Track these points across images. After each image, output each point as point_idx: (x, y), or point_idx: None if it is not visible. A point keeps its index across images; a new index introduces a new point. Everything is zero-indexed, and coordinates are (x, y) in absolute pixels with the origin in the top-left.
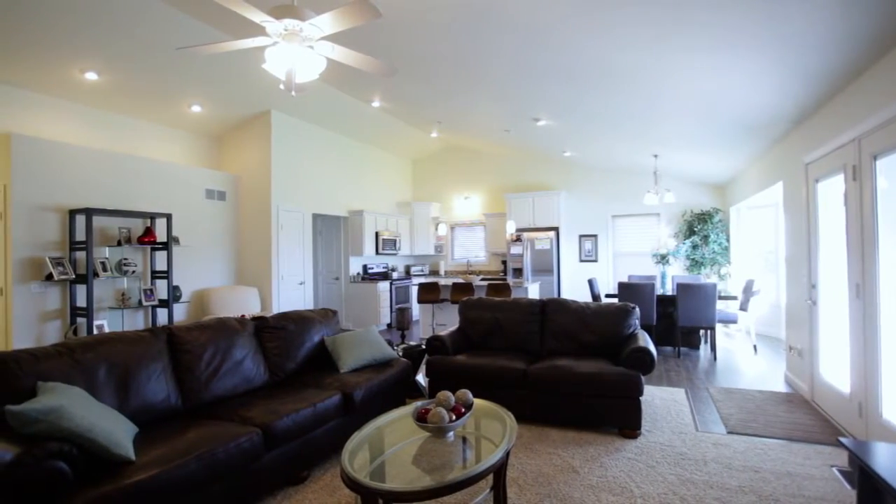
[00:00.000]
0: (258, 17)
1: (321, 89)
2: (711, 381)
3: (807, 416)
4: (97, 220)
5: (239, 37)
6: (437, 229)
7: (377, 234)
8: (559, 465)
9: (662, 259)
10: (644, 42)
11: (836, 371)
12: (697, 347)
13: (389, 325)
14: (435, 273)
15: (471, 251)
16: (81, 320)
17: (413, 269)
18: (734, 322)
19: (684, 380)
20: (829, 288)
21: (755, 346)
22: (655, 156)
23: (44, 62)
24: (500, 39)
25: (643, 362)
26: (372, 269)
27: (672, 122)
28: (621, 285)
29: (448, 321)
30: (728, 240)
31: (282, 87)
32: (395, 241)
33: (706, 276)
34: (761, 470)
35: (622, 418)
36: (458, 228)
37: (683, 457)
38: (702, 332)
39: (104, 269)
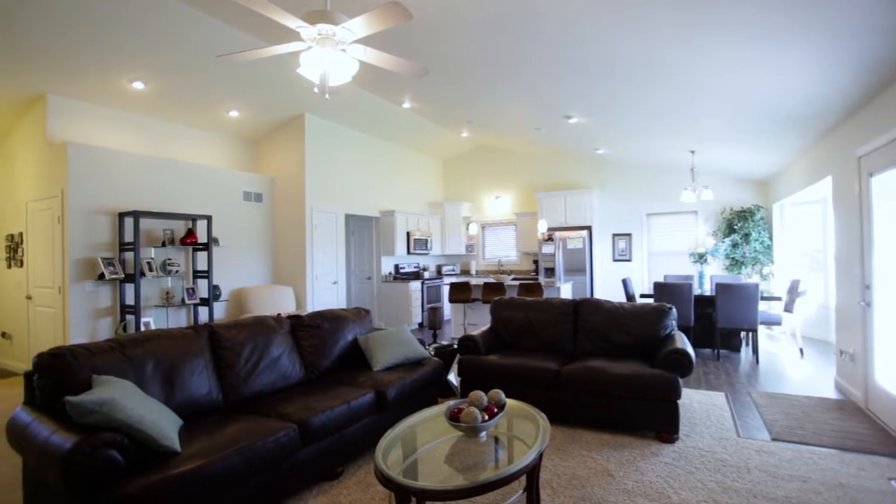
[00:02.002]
0: (293, 23)
1: (353, 92)
2: (754, 385)
3: (860, 425)
4: (143, 223)
5: (275, 43)
6: (468, 229)
7: (409, 234)
8: (593, 468)
9: (700, 258)
10: (680, 37)
11: (894, 377)
12: (738, 350)
13: (421, 325)
14: (466, 273)
15: (502, 251)
16: (130, 317)
17: (444, 269)
18: (778, 324)
19: (724, 383)
20: (886, 288)
21: (801, 350)
22: (692, 152)
23: (96, 74)
24: (531, 37)
25: (681, 364)
26: (403, 268)
27: (710, 117)
28: (657, 285)
29: (479, 321)
30: (771, 238)
31: (316, 90)
32: (426, 240)
33: (747, 276)
34: (810, 480)
35: (659, 422)
36: (489, 228)
37: (724, 463)
38: (743, 334)
39: (150, 269)
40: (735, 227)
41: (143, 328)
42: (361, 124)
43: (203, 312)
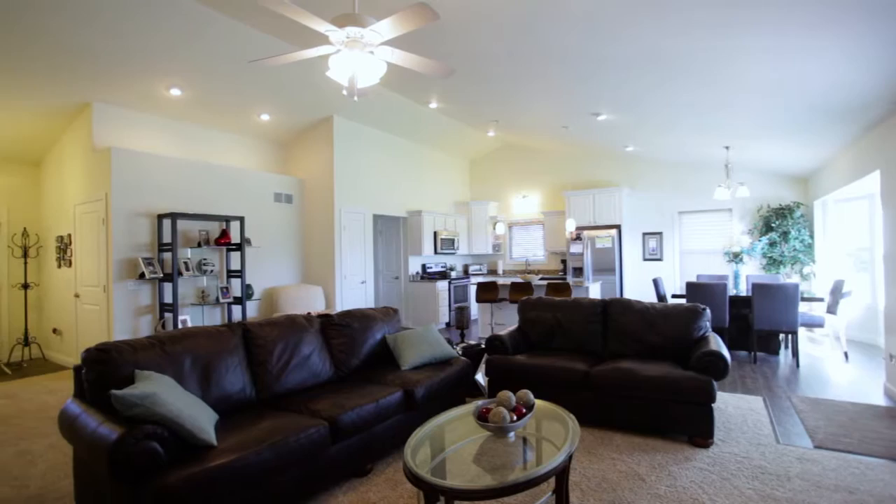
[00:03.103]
0: (322, 26)
1: (380, 93)
2: (794, 389)
3: None
4: (180, 224)
5: (304, 47)
6: (494, 228)
7: (435, 234)
8: (624, 472)
9: (735, 257)
10: (714, 28)
11: None
12: (776, 353)
13: (448, 324)
14: (493, 272)
15: (529, 250)
16: (168, 315)
17: (471, 269)
18: (820, 326)
19: (762, 387)
20: None
21: (846, 353)
22: (727, 147)
23: (137, 82)
24: (558, 33)
25: (715, 367)
26: (431, 268)
27: (747, 111)
28: (689, 285)
29: (507, 321)
30: (812, 236)
31: (344, 92)
32: (453, 240)
33: (786, 276)
34: (857, 491)
35: (692, 425)
36: (516, 227)
37: (763, 470)
38: (782, 336)
39: (187, 269)
40: (773, 224)
41: (180, 326)
42: (388, 125)
43: (236, 311)
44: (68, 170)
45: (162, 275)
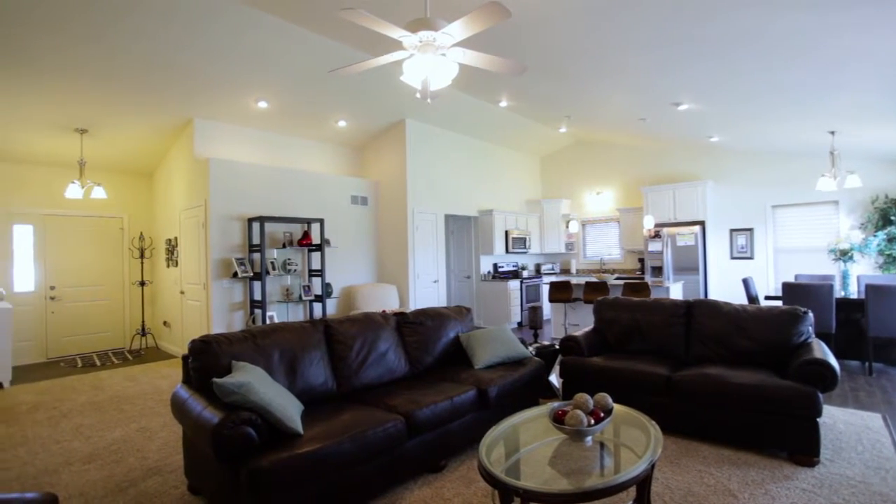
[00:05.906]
0: (396, 33)
1: (450, 94)
2: None
3: None
4: (267, 226)
5: (378, 54)
6: (567, 227)
7: (507, 233)
8: (712, 486)
9: (844, 255)
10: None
11: None
12: None
13: (520, 324)
14: (566, 272)
15: (604, 249)
16: (257, 311)
17: (543, 268)
18: None
19: (880, 403)
20: None
21: None
22: (832, 132)
23: (229, 98)
24: (636, 20)
25: (821, 377)
26: (502, 267)
27: (856, 89)
28: (786, 286)
29: (580, 321)
30: None
31: (418, 95)
32: (524, 239)
33: None
34: None
35: (792, 441)
36: (590, 225)
37: (884, 499)
38: None
39: (273, 268)
40: (892, 217)
41: (268, 321)
42: (459, 126)
43: (317, 308)
44: (175, 179)
45: (252, 274)
